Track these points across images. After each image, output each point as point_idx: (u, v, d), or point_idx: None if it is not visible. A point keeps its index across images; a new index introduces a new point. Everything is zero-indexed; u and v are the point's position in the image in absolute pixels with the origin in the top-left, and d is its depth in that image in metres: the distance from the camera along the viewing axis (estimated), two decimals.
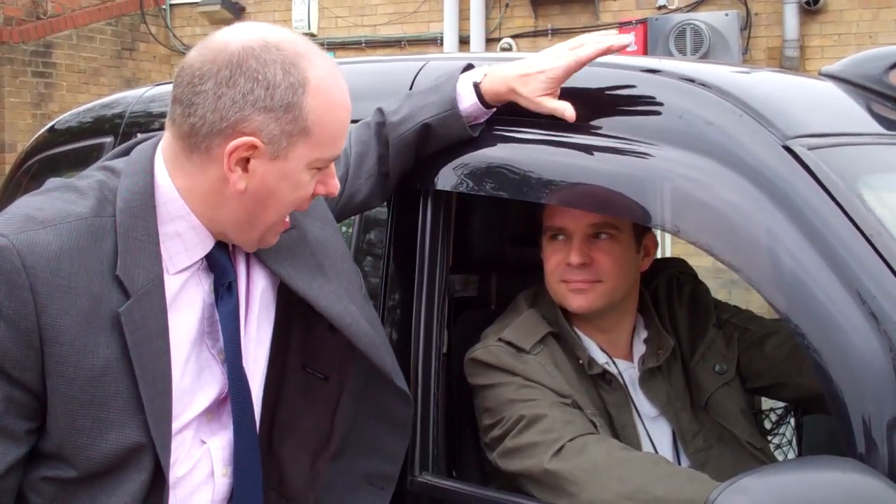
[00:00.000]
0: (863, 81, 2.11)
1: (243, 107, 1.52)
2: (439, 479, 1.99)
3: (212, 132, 1.54)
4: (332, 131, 1.60)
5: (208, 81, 1.52)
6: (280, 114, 1.53)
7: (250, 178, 1.57)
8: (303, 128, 1.56)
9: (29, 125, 9.37)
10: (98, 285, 1.52)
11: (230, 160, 1.54)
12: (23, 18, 9.65)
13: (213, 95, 1.52)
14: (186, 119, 1.55)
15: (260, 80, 1.52)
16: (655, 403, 2.19)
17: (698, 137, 1.79)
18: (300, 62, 1.55)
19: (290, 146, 1.56)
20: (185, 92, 1.55)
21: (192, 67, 1.55)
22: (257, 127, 1.53)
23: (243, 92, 1.52)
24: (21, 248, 1.47)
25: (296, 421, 1.88)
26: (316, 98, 1.56)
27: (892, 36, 7.76)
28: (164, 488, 1.60)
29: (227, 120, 1.52)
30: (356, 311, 1.79)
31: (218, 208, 1.61)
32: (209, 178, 1.58)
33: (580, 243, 2.13)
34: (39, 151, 3.27)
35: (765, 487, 1.41)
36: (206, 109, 1.53)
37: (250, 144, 1.53)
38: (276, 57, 1.53)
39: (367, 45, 9.84)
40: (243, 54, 1.52)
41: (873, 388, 1.51)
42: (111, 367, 1.53)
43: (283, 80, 1.53)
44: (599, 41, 1.92)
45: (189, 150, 1.57)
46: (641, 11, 8.67)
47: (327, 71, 1.59)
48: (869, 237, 1.60)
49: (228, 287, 1.69)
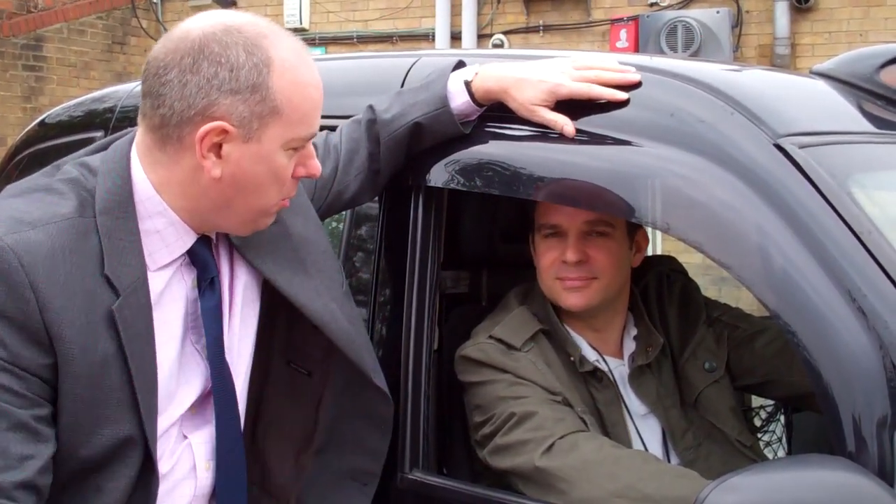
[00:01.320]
0: (854, 80, 2.11)
1: (209, 91, 1.51)
2: (429, 476, 1.98)
3: (181, 121, 1.53)
4: (304, 109, 1.59)
5: (172, 70, 1.52)
6: (247, 95, 1.52)
7: (225, 164, 1.56)
8: (272, 108, 1.54)
9: (19, 119, 9.33)
10: (90, 283, 1.52)
11: (202, 146, 1.53)
12: (13, 12, 9.60)
13: (179, 83, 1.51)
14: (156, 111, 1.54)
15: (223, 62, 1.51)
16: (645, 401, 2.19)
17: (690, 135, 1.79)
18: (262, 42, 1.54)
19: (261, 127, 1.55)
20: (152, 84, 1.54)
21: (157, 59, 1.54)
22: (226, 111, 1.52)
23: (207, 76, 1.51)
24: (16, 247, 1.46)
25: (280, 416, 1.88)
26: (283, 78, 1.54)
27: (882, 34, 7.78)
28: (153, 483, 1.60)
29: (194, 107, 1.52)
30: (336, 309, 1.78)
31: (196, 199, 1.60)
32: (184, 169, 1.57)
33: (575, 241, 2.13)
34: (30, 145, 3.25)
35: (755, 486, 1.41)
36: (173, 99, 1.52)
37: (220, 129, 1.52)
38: (238, 39, 1.52)
39: (358, 40, 9.83)
40: (204, 39, 1.52)
41: (863, 386, 1.51)
42: (109, 364, 1.52)
43: (247, 60, 1.52)
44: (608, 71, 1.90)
45: (162, 142, 1.57)
46: (633, 8, 8.67)
47: (291, 50, 1.58)
48: (859, 235, 1.60)
49: (211, 282, 1.68)
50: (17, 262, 1.45)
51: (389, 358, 2.02)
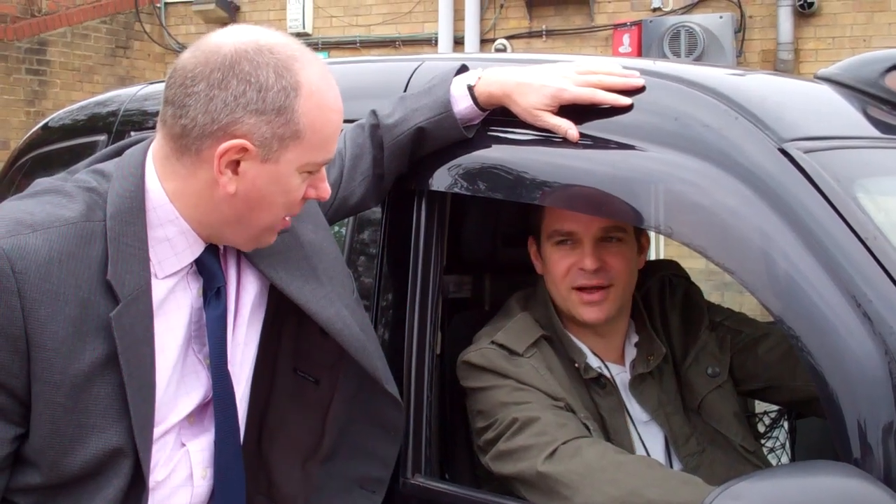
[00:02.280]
0: (859, 85, 2.11)
1: (234, 109, 1.51)
2: (432, 482, 1.98)
3: (203, 134, 1.52)
4: (324, 135, 1.59)
5: (200, 83, 1.51)
6: (272, 117, 1.52)
7: (240, 181, 1.56)
8: (294, 131, 1.54)
9: (23, 123, 9.35)
10: (86, 291, 1.51)
11: (220, 162, 1.53)
12: (17, 16, 9.63)
13: (205, 97, 1.51)
14: (178, 121, 1.54)
15: (252, 82, 1.51)
16: (646, 408, 2.19)
17: (694, 140, 1.79)
18: (293, 65, 1.54)
19: (281, 149, 1.55)
20: (176, 93, 1.54)
21: (185, 69, 1.54)
22: (248, 130, 1.52)
23: (235, 94, 1.50)
24: (11, 252, 1.46)
25: (286, 424, 1.87)
26: (309, 102, 1.55)
27: (886, 39, 7.78)
28: (143, 493, 1.59)
29: (218, 122, 1.51)
30: (348, 316, 1.78)
31: (208, 211, 1.60)
32: (199, 181, 1.57)
33: (592, 248, 2.12)
34: (33, 149, 3.26)
35: (760, 492, 1.40)
36: (197, 111, 1.52)
37: (241, 147, 1.52)
38: (269, 60, 1.52)
39: (361, 45, 9.84)
40: (236, 56, 1.51)
41: (868, 391, 1.50)
42: (97, 373, 1.51)
43: (276, 83, 1.52)
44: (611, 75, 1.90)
45: (180, 151, 1.56)
46: (636, 13, 8.68)
47: (320, 75, 1.58)
48: (865, 240, 1.59)
49: (217, 292, 1.68)
50: (8, 268, 1.45)
51: (392, 363, 2.01)
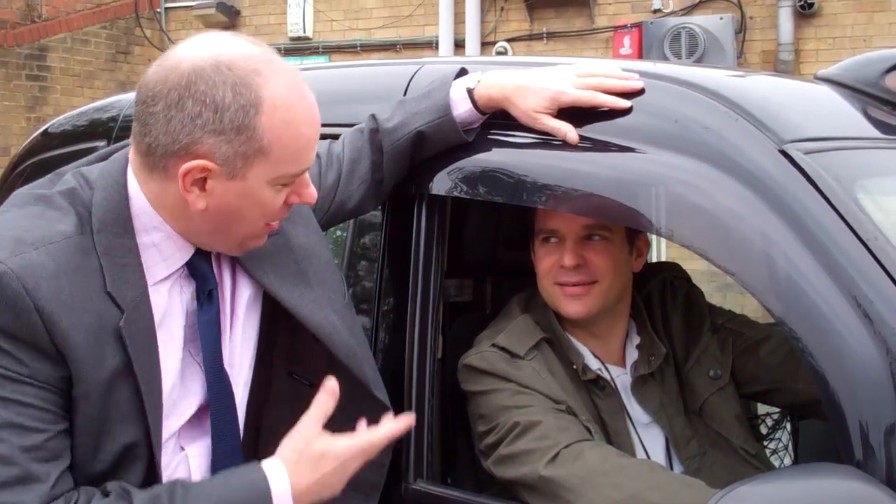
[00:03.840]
0: (859, 85, 2.11)
1: (192, 130, 1.49)
2: (434, 486, 1.97)
3: (166, 153, 1.52)
4: (293, 148, 1.56)
5: (159, 103, 1.50)
6: (231, 136, 1.50)
7: (209, 197, 1.55)
8: (258, 148, 1.52)
9: (23, 129, 9.36)
10: (95, 301, 1.52)
11: (185, 181, 1.52)
12: (17, 22, 9.64)
13: (164, 118, 1.50)
14: (143, 138, 1.54)
15: (208, 103, 1.48)
16: (647, 410, 2.18)
17: (694, 142, 1.78)
18: (253, 81, 1.50)
19: (246, 166, 1.53)
20: (140, 111, 1.53)
21: (147, 86, 1.53)
22: (209, 150, 1.50)
23: (191, 115, 1.49)
24: (19, 271, 1.46)
25: (282, 427, 1.86)
26: (271, 117, 1.51)
27: (887, 39, 7.77)
28: None
29: (178, 143, 1.50)
30: (337, 321, 1.77)
31: (186, 222, 1.60)
32: (171, 195, 1.57)
33: (573, 245, 2.12)
34: (33, 155, 3.25)
35: (763, 495, 1.40)
36: (158, 131, 1.51)
37: (202, 167, 1.51)
38: (227, 78, 1.49)
39: (362, 48, 9.85)
40: (192, 76, 1.49)
41: (870, 393, 1.50)
42: (115, 381, 1.52)
43: (233, 101, 1.49)
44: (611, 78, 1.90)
45: (149, 167, 1.56)
46: (636, 15, 8.68)
47: (285, 88, 1.54)
48: (866, 241, 1.59)
49: (209, 295, 1.68)
50: (20, 288, 1.45)
51: (393, 367, 2.01)
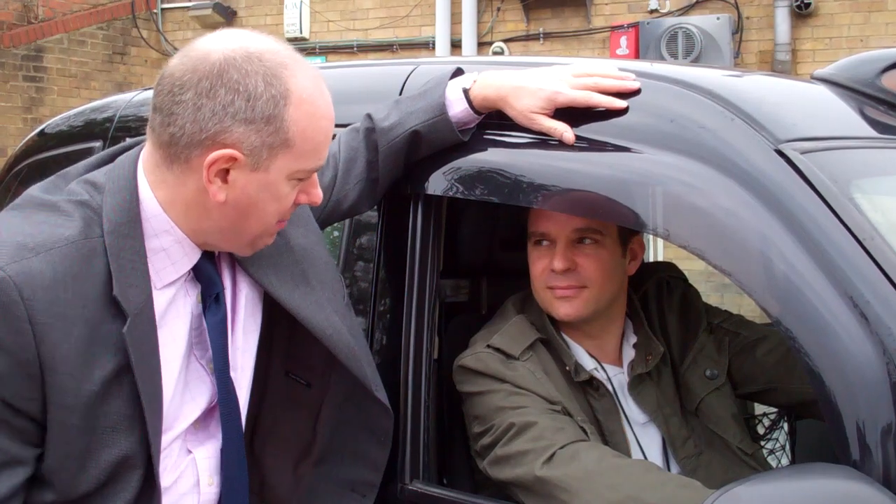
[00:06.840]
0: (855, 85, 2.10)
1: (223, 118, 1.49)
2: (430, 487, 1.97)
3: (191, 143, 1.51)
4: (314, 143, 1.58)
5: (188, 92, 1.50)
6: (261, 126, 1.51)
7: (230, 190, 1.55)
8: (284, 139, 1.53)
9: (19, 129, 9.35)
10: (92, 309, 1.51)
11: (209, 172, 1.52)
12: (14, 23, 9.63)
13: (193, 106, 1.50)
14: (166, 129, 1.53)
15: (241, 91, 1.49)
16: (644, 409, 2.18)
17: (690, 141, 1.78)
18: (282, 73, 1.52)
19: (270, 158, 1.54)
20: (165, 101, 1.53)
21: (173, 76, 1.52)
22: (237, 139, 1.51)
23: (223, 104, 1.49)
24: (17, 278, 1.45)
25: (278, 427, 1.87)
26: (298, 110, 1.53)
27: (883, 39, 7.78)
28: (156, 499, 1.59)
29: (206, 131, 1.50)
30: (338, 322, 1.77)
31: (200, 219, 1.59)
32: (189, 189, 1.56)
33: (564, 249, 2.11)
34: (29, 156, 3.25)
35: (759, 496, 1.40)
36: (185, 120, 1.50)
37: (230, 157, 1.51)
38: (258, 68, 1.50)
39: (358, 49, 9.84)
40: (224, 65, 1.50)
41: (867, 393, 1.50)
42: (107, 390, 1.51)
43: (265, 91, 1.50)
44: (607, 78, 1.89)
45: (169, 160, 1.55)
46: (633, 15, 8.68)
47: (310, 82, 1.56)
48: (862, 241, 1.59)
49: (216, 297, 1.67)
50: (17, 296, 1.44)
51: (389, 367, 2.01)
